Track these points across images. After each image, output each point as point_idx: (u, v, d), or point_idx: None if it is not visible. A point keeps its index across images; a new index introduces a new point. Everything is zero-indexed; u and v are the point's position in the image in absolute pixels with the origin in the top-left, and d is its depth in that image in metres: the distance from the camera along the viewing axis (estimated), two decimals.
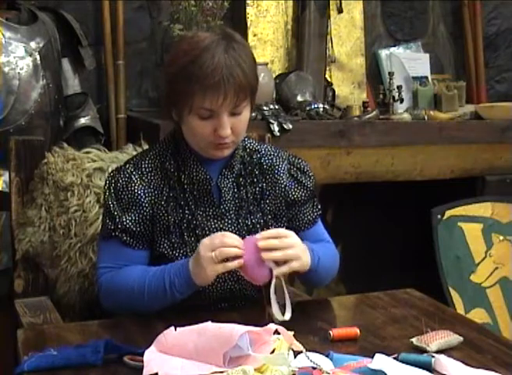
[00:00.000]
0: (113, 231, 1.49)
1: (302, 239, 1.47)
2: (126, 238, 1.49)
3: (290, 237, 1.41)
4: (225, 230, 1.51)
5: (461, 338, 1.30)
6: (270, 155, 1.60)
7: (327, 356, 1.18)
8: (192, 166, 1.52)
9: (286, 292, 1.38)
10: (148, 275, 1.45)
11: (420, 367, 1.17)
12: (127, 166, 1.54)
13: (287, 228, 1.52)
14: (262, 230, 1.51)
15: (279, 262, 1.38)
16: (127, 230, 1.49)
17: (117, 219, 1.49)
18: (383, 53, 3.08)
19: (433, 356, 1.20)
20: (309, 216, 1.62)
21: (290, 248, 1.39)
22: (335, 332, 1.31)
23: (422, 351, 1.24)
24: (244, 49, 1.46)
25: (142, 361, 1.16)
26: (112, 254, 1.51)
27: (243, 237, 1.42)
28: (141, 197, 1.50)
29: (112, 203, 1.51)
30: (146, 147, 1.88)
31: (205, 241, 1.38)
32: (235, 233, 1.46)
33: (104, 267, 1.51)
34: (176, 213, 1.51)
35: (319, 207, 1.64)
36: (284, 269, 1.39)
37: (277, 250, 1.37)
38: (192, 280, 1.40)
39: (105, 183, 1.55)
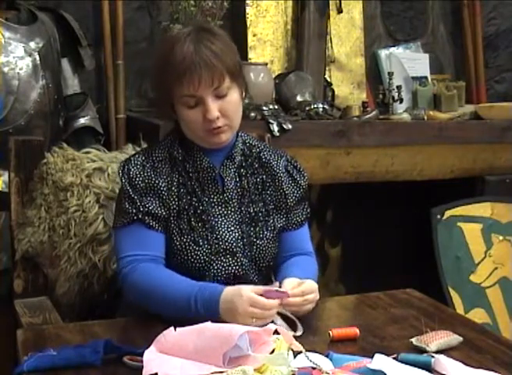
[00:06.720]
0: (135, 215, 1.50)
1: (287, 239, 1.60)
2: (149, 221, 1.51)
3: (313, 293, 1.44)
4: (229, 216, 1.56)
5: (461, 338, 1.30)
6: (269, 150, 1.66)
7: (327, 356, 1.18)
8: (196, 155, 1.56)
9: (287, 313, 1.39)
10: (173, 294, 1.42)
11: (419, 367, 1.17)
12: (137, 156, 1.57)
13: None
14: (264, 218, 1.59)
15: None
16: (149, 213, 1.51)
17: (138, 203, 1.51)
18: (383, 53, 3.08)
19: (433, 356, 1.20)
20: (297, 218, 1.65)
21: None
22: (334, 332, 1.31)
23: (422, 351, 1.24)
24: (218, 37, 1.51)
25: (141, 361, 1.16)
26: (135, 240, 1.51)
27: (246, 224, 1.54)
28: (157, 181, 1.53)
29: (130, 189, 1.52)
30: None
31: (245, 298, 1.33)
32: (238, 220, 1.56)
33: (127, 256, 1.49)
34: (185, 199, 1.54)
35: (308, 211, 1.68)
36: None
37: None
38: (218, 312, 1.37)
39: (118, 173, 1.57)
